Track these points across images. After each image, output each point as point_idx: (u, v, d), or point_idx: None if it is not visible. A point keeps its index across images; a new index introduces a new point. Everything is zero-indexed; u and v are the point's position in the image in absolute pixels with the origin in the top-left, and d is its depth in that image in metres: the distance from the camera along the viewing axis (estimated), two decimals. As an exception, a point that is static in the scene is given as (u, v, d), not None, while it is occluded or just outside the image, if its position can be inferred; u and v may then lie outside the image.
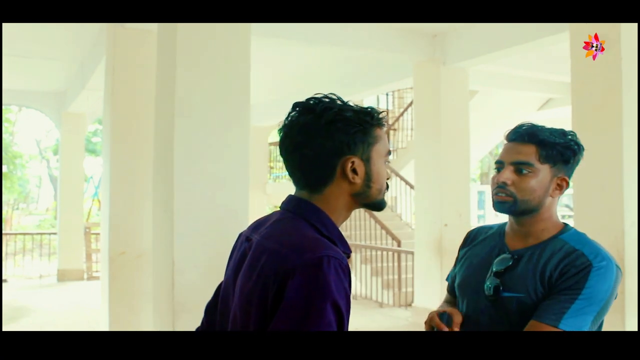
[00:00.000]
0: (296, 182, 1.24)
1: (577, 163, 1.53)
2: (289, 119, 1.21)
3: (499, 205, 1.52)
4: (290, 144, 1.20)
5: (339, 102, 1.19)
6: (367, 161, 1.20)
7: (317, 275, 1.04)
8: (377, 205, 1.25)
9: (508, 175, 1.50)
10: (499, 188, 1.51)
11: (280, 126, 1.23)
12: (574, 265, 1.40)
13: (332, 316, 1.03)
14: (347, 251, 1.19)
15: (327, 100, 1.19)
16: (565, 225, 1.54)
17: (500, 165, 1.53)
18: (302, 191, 1.23)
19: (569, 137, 1.50)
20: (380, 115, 1.23)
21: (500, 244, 1.57)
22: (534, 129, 1.51)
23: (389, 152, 1.26)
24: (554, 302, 1.38)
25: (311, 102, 1.19)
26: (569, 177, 1.53)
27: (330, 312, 1.02)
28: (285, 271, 1.05)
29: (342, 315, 1.05)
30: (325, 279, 1.04)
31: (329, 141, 1.16)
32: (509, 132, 1.56)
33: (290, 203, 1.24)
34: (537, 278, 1.44)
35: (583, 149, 1.52)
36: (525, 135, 1.51)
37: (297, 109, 1.20)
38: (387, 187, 1.26)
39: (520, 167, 1.49)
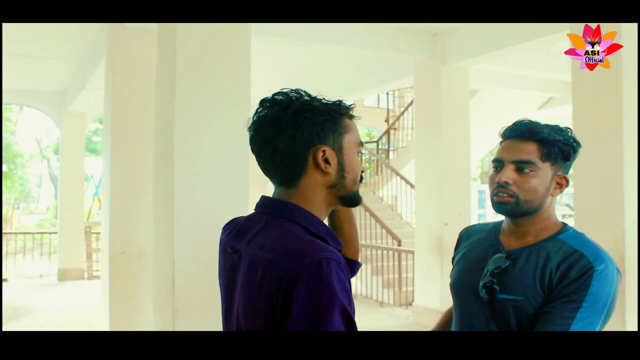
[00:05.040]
0: (271, 177, 1.22)
1: (574, 160, 1.47)
2: (258, 114, 1.20)
3: (499, 206, 1.45)
4: (261, 138, 1.19)
5: (306, 96, 1.20)
6: (339, 151, 1.19)
7: (320, 281, 1.02)
8: (353, 198, 1.24)
9: (509, 174, 1.43)
10: (500, 188, 1.43)
11: (250, 123, 1.22)
12: (574, 269, 1.34)
13: (341, 321, 1.01)
14: (339, 247, 1.18)
15: (294, 93, 1.19)
16: (564, 225, 1.48)
17: (499, 164, 1.46)
18: (278, 188, 1.22)
19: (567, 133, 1.45)
20: (349, 106, 1.23)
21: (496, 242, 1.51)
22: (534, 126, 1.44)
23: (361, 143, 1.26)
24: (557, 312, 1.32)
25: (278, 96, 1.19)
26: (567, 174, 1.49)
27: (338, 318, 1.01)
28: (289, 280, 1.03)
29: (351, 318, 1.04)
30: (329, 284, 1.02)
31: (298, 132, 1.16)
32: (506, 129, 1.49)
33: (267, 206, 1.22)
34: (536, 281, 1.38)
35: (580, 145, 1.47)
36: (526, 132, 1.44)
37: (266, 104, 1.20)
38: (362, 179, 1.25)
39: (521, 166, 1.42)
